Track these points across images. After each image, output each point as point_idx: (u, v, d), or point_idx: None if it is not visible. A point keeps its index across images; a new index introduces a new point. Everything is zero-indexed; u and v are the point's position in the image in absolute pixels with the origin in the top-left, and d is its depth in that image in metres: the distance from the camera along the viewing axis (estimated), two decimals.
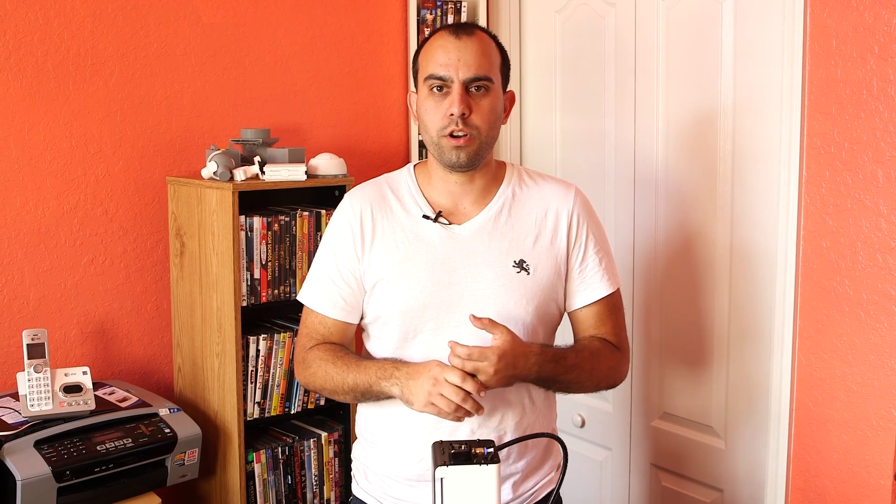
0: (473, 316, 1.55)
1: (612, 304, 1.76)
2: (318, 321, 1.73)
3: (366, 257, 1.68)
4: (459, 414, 1.49)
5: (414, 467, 1.68)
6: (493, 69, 1.64)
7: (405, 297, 1.65)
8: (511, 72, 1.72)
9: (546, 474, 1.76)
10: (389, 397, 1.60)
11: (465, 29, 1.63)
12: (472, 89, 1.61)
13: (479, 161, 1.66)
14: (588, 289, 1.72)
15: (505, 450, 1.67)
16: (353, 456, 1.84)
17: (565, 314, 1.78)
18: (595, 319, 1.74)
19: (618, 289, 1.77)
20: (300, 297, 1.77)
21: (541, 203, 1.72)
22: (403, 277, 1.65)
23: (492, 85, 1.63)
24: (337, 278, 1.70)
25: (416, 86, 1.70)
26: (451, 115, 1.59)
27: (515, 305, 1.65)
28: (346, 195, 1.77)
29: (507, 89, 1.71)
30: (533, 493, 1.74)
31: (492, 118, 1.64)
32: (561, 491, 1.63)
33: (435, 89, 1.62)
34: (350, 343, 1.76)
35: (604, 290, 1.73)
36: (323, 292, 1.72)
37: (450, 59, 1.60)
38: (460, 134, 1.60)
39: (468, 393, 1.48)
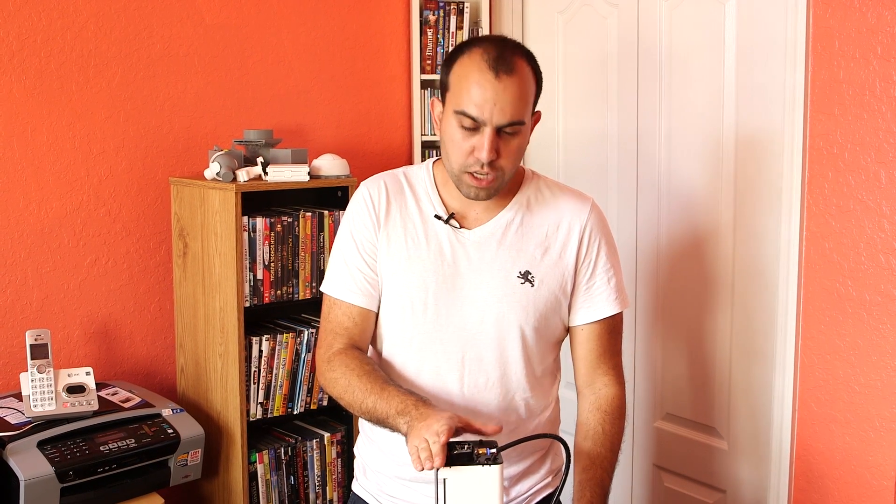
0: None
1: (613, 327, 1.72)
2: (342, 313, 1.67)
3: (381, 240, 1.66)
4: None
5: (408, 468, 1.66)
6: (527, 110, 1.56)
7: (407, 296, 1.63)
8: (542, 90, 1.63)
9: (542, 478, 1.75)
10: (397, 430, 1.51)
11: (504, 65, 1.52)
12: (504, 131, 1.55)
13: (497, 194, 1.63)
14: (593, 307, 1.69)
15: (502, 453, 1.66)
16: (355, 451, 1.83)
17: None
18: (595, 341, 1.70)
19: (621, 312, 1.72)
20: (323, 288, 1.71)
21: (554, 215, 1.68)
22: (408, 274, 1.64)
23: (523, 126, 1.57)
24: (360, 264, 1.66)
25: (442, 97, 1.62)
26: (478, 158, 1.54)
27: (515, 316, 1.63)
28: (362, 183, 1.72)
29: (536, 110, 1.64)
30: (528, 497, 1.73)
31: (518, 156, 1.59)
32: (564, 492, 1.62)
33: (464, 126, 1.55)
34: (370, 336, 1.70)
35: (609, 310, 1.69)
36: (348, 280, 1.66)
37: (486, 100, 1.51)
38: (483, 175, 1.56)
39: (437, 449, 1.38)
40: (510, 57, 1.54)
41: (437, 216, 1.66)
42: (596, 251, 1.69)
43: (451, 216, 1.66)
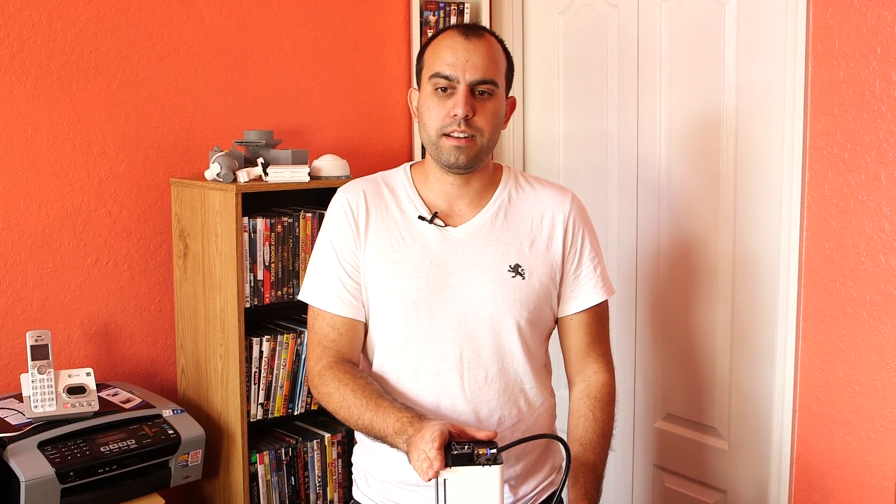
0: None
1: (601, 315, 1.75)
2: (326, 324, 1.67)
3: (361, 249, 1.66)
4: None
5: (412, 472, 1.67)
6: (499, 74, 1.62)
7: (398, 298, 1.63)
8: (514, 74, 1.72)
9: (546, 476, 1.76)
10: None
11: (474, 31, 1.62)
12: (477, 92, 1.60)
13: (477, 164, 1.64)
14: (581, 295, 1.71)
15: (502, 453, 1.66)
16: (353, 460, 1.82)
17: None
18: (585, 329, 1.73)
19: (607, 299, 1.76)
20: (303, 297, 1.71)
21: (537, 207, 1.71)
22: (397, 277, 1.64)
23: (497, 89, 1.62)
24: (341, 273, 1.66)
25: (418, 83, 1.68)
26: (454, 115, 1.58)
27: (510, 310, 1.64)
28: (339, 189, 1.73)
29: (509, 95, 1.70)
30: (533, 496, 1.74)
31: (494, 122, 1.62)
32: (564, 493, 1.62)
33: (439, 89, 1.60)
34: (360, 346, 1.70)
35: (597, 298, 1.72)
36: (329, 289, 1.67)
37: (457, 59, 1.58)
38: (462, 135, 1.59)
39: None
40: (478, 29, 1.64)
41: (421, 217, 1.66)
42: (581, 241, 1.72)
43: (435, 215, 1.66)
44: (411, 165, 1.75)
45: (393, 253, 1.65)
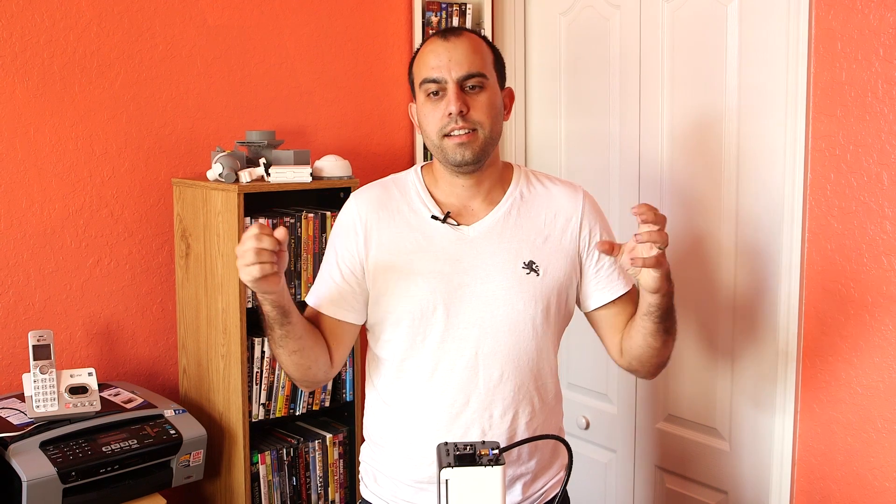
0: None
1: (632, 297, 1.75)
2: (309, 314, 1.72)
3: (371, 257, 1.67)
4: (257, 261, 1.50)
5: (424, 470, 1.68)
6: (485, 65, 1.65)
7: (415, 298, 1.64)
8: (513, 72, 1.73)
9: (555, 474, 1.77)
10: (281, 315, 1.58)
11: (453, 31, 1.66)
12: (468, 87, 1.62)
13: (485, 158, 1.65)
14: (607, 287, 1.72)
15: (515, 451, 1.67)
16: (361, 459, 1.83)
17: (577, 316, 1.77)
18: (626, 315, 1.73)
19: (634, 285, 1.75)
20: (307, 298, 1.76)
21: (549, 205, 1.72)
22: (412, 278, 1.65)
23: (487, 81, 1.64)
24: (337, 276, 1.69)
25: (413, 96, 1.71)
26: (450, 114, 1.60)
27: (525, 306, 1.65)
28: (352, 194, 1.76)
29: (505, 86, 1.72)
30: (542, 494, 1.74)
31: (492, 112, 1.64)
32: (569, 487, 1.62)
33: (431, 94, 1.64)
34: (340, 343, 1.72)
35: (623, 287, 1.73)
36: (323, 290, 1.71)
37: (441, 61, 1.62)
38: (461, 132, 1.61)
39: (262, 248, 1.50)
40: (457, 29, 1.69)
41: (434, 217, 1.67)
42: (598, 236, 1.73)
43: (448, 215, 1.67)
44: (422, 167, 1.77)
45: (407, 254, 1.66)
